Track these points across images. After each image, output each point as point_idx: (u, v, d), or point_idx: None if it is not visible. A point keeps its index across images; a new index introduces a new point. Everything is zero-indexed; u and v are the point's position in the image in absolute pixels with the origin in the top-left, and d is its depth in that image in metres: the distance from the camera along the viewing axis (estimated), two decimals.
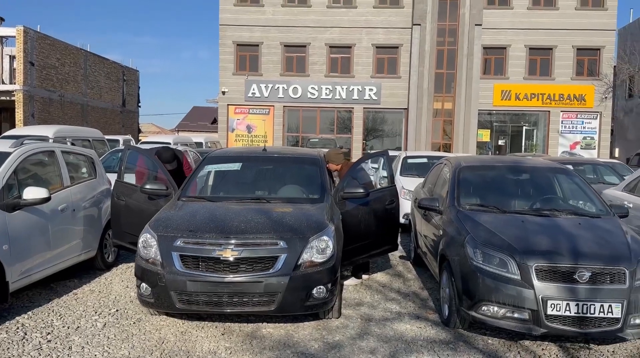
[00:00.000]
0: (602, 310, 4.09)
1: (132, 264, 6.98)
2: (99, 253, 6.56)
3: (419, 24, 25.33)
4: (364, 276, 6.54)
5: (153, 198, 5.82)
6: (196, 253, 4.50)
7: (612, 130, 31.71)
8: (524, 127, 27.09)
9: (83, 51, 31.51)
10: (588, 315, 4.09)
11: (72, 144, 9.95)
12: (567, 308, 4.10)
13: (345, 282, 6.26)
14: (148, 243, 4.67)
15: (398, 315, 5.25)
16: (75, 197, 6.07)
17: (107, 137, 15.60)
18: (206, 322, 4.90)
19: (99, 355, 4.21)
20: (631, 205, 7.06)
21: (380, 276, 6.73)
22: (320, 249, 4.61)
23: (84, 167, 6.71)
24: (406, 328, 4.91)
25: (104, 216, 6.66)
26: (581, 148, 26.15)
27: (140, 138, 37.18)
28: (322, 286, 4.55)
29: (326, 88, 26.34)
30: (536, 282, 4.18)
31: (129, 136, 18.65)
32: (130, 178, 6.33)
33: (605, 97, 25.66)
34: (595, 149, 26.43)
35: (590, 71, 26.06)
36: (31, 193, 5.04)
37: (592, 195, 5.51)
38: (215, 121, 43.56)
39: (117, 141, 16.41)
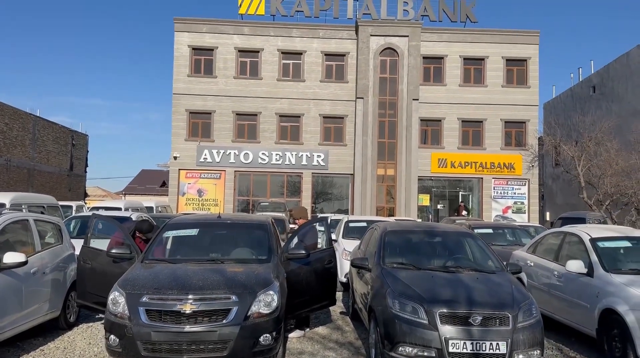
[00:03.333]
0: (491, 348, 5.12)
1: (92, 324, 7.57)
2: (63, 313, 7.11)
3: (362, 98, 27.43)
4: (307, 330, 7.36)
5: (117, 261, 6.55)
6: (160, 307, 5.26)
7: (542, 195, 34.35)
8: (460, 193, 29.13)
9: (32, 115, 31.64)
10: (481, 351, 5.11)
11: (42, 212, 10.46)
12: (465, 347, 5.11)
13: (290, 335, 7.07)
14: (117, 300, 5.39)
15: None
16: (45, 261, 6.71)
17: (60, 203, 15.94)
18: None
19: None
20: (532, 264, 8.33)
21: (321, 330, 7.58)
22: (266, 302, 5.47)
23: (52, 233, 7.35)
24: None
25: (68, 279, 7.27)
26: (513, 212, 28.26)
27: (86, 201, 36.82)
28: (268, 335, 5.37)
29: (276, 154, 27.63)
30: (440, 325, 5.19)
31: (82, 202, 18.97)
32: (96, 243, 6.99)
33: (532, 166, 28.16)
34: (525, 213, 28.61)
35: (518, 141, 28.67)
36: (10, 257, 5.70)
37: (491, 255, 6.69)
38: (164, 184, 43.70)
39: (70, 207, 16.75)
